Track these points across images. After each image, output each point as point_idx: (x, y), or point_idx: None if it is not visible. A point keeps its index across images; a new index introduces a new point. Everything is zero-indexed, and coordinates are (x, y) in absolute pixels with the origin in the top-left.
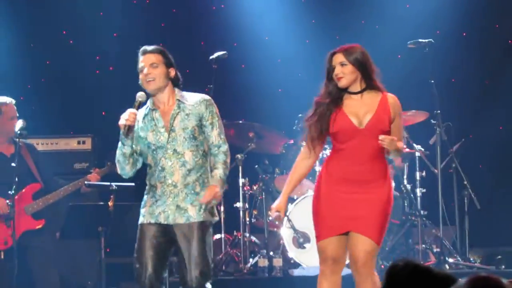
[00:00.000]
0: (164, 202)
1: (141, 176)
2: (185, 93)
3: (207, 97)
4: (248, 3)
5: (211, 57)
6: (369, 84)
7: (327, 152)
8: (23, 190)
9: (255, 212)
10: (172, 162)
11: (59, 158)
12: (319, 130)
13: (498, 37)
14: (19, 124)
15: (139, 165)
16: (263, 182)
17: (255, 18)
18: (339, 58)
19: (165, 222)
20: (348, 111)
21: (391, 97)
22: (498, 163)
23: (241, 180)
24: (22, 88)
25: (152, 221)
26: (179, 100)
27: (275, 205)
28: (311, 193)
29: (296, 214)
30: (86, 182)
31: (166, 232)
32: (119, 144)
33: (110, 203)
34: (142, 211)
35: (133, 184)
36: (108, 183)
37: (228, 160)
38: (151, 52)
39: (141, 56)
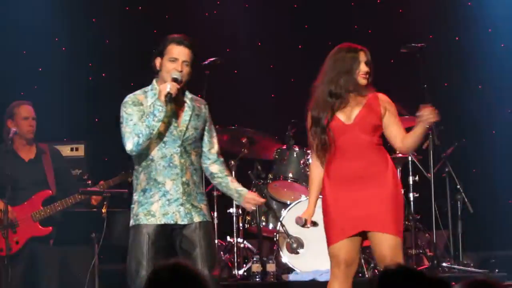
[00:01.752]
0: (177, 200)
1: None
2: (188, 93)
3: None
4: (241, 9)
5: (203, 63)
6: None
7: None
8: (33, 197)
9: (248, 218)
10: (184, 160)
11: None
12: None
13: (492, 42)
14: (12, 131)
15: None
16: (256, 187)
17: (248, 24)
18: (367, 56)
19: (181, 222)
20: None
21: (381, 94)
22: (491, 167)
23: None
24: (15, 96)
25: (170, 221)
26: (191, 99)
27: (304, 214)
28: (304, 198)
29: (289, 220)
30: (80, 190)
31: (172, 233)
32: (150, 116)
33: (103, 210)
34: (150, 209)
35: (126, 190)
36: (102, 190)
37: None
38: (188, 47)
39: (177, 46)
